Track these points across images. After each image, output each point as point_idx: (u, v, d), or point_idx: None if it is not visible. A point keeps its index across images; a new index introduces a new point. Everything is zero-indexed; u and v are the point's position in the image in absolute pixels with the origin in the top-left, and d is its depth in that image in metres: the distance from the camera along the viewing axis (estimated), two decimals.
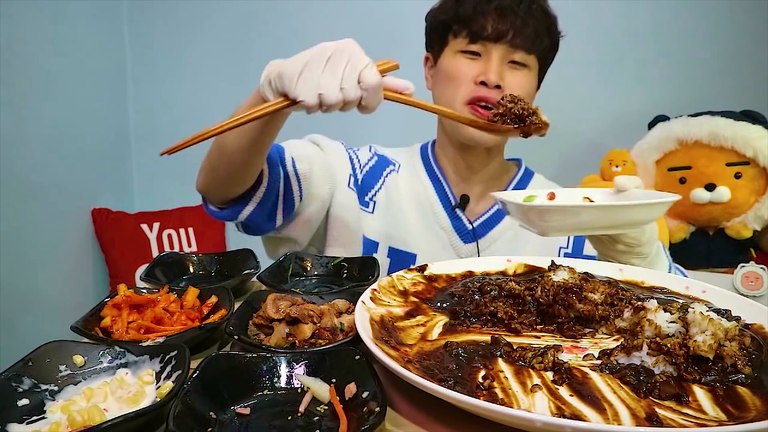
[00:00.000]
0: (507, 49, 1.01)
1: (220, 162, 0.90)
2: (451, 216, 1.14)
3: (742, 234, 1.71)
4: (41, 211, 1.99)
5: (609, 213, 0.74)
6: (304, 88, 0.68)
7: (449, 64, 1.05)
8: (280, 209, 1.03)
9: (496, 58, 1.01)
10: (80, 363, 0.57)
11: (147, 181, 2.50)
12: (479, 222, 1.14)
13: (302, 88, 0.68)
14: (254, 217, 0.99)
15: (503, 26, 1.00)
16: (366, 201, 1.15)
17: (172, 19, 2.37)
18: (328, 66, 0.68)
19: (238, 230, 1.06)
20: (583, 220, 0.73)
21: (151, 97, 2.44)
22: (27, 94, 1.92)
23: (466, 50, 1.03)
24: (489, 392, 0.50)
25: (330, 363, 0.56)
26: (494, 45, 1.01)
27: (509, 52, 1.02)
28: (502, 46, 1.01)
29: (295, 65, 0.69)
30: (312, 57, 0.68)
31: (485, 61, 1.02)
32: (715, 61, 2.02)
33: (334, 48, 0.69)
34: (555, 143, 2.08)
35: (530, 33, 1.01)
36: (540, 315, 0.69)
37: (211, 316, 0.72)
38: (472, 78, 1.02)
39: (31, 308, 1.93)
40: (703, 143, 1.71)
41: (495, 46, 1.01)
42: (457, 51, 1.04)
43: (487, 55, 1.02)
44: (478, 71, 1.02)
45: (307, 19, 2.27)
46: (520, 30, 1.00)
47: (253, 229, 1.04)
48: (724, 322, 0.56)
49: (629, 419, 0.46)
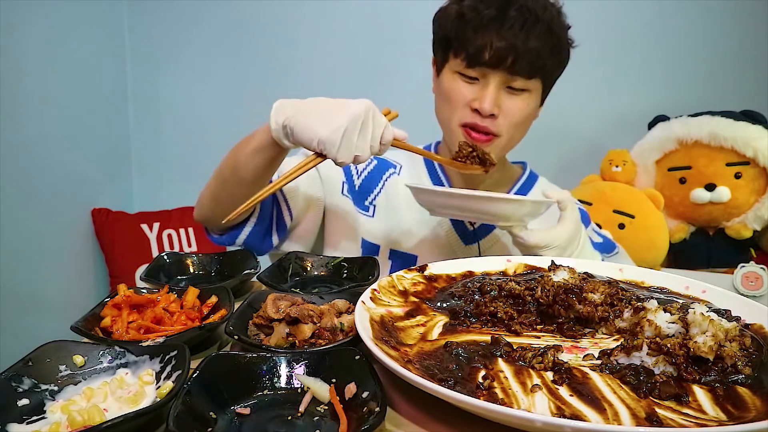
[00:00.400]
0: (505, 76, 0.97)
1: (223, 194, 0.96)
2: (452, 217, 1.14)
3: (742, 234, 1.71)
4: (41, 211, 1.99)
5: (473, 201, 0.86)
6: (344, 154, 0.80)
7: (447, 85, 1.03)
8: (274, 230, 1.07)
9: (494, 84, 0.97)
10: (80, 363, 0.57)
11: (147, 181, 2.50)
12: (480, 223, 1.14)
13: (343, 154, 0.80)
14: (251, 241, 1.04)
15: (502, 52, 0.94)
16: (366, 205, 1.15)
17: (171, 19, 2.37)
18: (362, 133, 0.80)
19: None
20: (454, 203, 0.88)
21: (152, 98, 2.44)
22: (27, 94, 1.91)
23: (464, 73, 1.00)
24: (489, 392, 0.50)
25: (330, 363, 0.56)
26: (492, 71, 0.97)
27: (508, 79, 0.98)
28: (500, 72, 0.97)
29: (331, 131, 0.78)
30: (348, 126, 0.78)
31: (482, 87, 0.98)
32: (715, 61, 2.01)
33: (363, 114, 0.80)
34: (555, 143, 2.09)
35: (531, 58, 0.95)
36: (540, 315, 0.69)
37: (211, 316, 0.72)
38: (467, 102, 0.99)
39: (31, 308, 1.93)
40: (703, 143, 1.71)
41: (493, 73, 0.97)
42: (455, 71, 1.01)
43: (485, 80, 0.98)
44: (473, 96, 0.99)
45: (305, 18, 2.27)
46: (521, 56, 0.94)
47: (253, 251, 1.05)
48: (725, 322, 0.56)
49: (629, 419, 0.46)
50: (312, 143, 0.80)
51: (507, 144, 1.04)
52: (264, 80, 2.32)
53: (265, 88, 2.30)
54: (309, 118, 0.80)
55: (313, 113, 0.80)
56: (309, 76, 2.28)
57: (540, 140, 1.48)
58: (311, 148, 0.81)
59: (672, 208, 1.80)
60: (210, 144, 2.26)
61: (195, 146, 2.40)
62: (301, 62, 2.29)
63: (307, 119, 0.80)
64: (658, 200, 1.75)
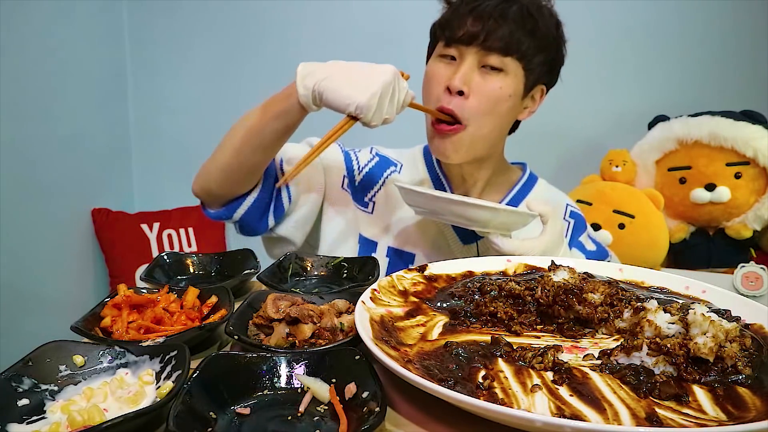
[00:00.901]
0: (480, 53, 0.98)
1: (235, 162, 0.98)
2: None
3: (742, 234, 1.71)
4: (41, 211, 1.99)
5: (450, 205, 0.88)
6: (377, 117, 0.87)
7: (428, 68, 1.05)
8: (271, 211, 1.07)
9: (468, 62, 0.98)
10: (80, 363, 0.57)
11: (147, 181, 2.50)
12: None
13: (376, 117, 0.87)
14: (247, 217, 1.05)
15: (476, 29, 0.97)
16: (365, 201, 1.15)
17: (172, 19, 2.37)
18: (391, 98, 0.88)
19: (236, 231, 1.10)
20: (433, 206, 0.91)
21: (151, 97, 2.44)
22: (27, 94, 1.91)
23: (444, 54, 1.02)
24: (489, 392, 0.50)
25: (330, 363, 0.56)
26: (467, 48, 0.98)
27: (482, 56, 0.98)
28: (474, 48, 0.98)
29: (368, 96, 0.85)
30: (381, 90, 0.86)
31: (457, 66, 1.00)
32: (715, 61, 2.01)
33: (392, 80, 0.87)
34: (555, 143, 2.09)
35: (504, 35, 0.96)
36: (540, 315, 0.69)
37: (211, 316, 0.72)
38: (442, 82, 1.00)
39: (31, 308, 1.93)
40: (703, 143, 1.71)
41: (468, 50, 0.98)
42: (437, 55, 1.04)
43: (461, 59, 1.00)
44: (448, 75, 1.00)
45: (306, 18, 2.27)
46: (492, 32, 0.96)
47: (247, 230, 1.08)
48: (725, 323, 0.56)
49: (629, 419, 0.46)
50: (348, 108, 0.85)
51: (475, 135, 1.00)
52: (264, 80, 2.31)
53: (265, 88, 2.30)
54: (342, 84, 0.85)
55: (345, 78, 0.86)
56: None
57: (539, 140, 1.48)
58: (346, 112, 0.87)
59: (672, 208, 1.80)
60: (210, 144, 2.25)
61: (195, 146, 2.38)
62: (302, 58, 2.27)
63: (341, 85, 0.85)
64: (658, 200, 1.75)
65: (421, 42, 1.15)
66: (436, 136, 1.02)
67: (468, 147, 1.01)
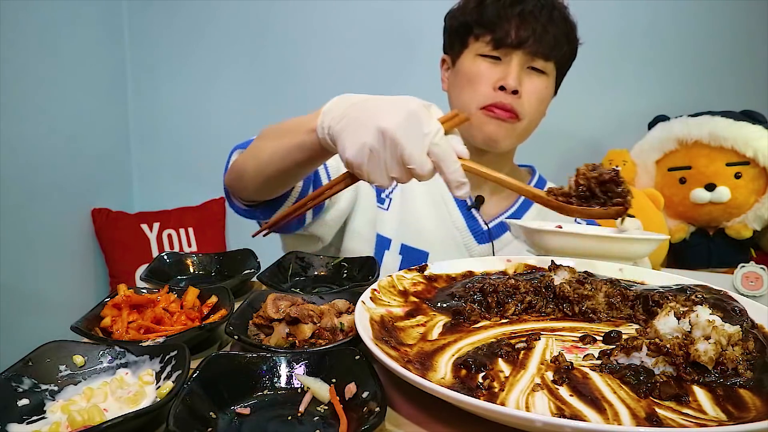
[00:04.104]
0: (527, 56, 1.02)
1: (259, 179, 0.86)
2: (466, 216, 1.14)
3: (742, 234, 1.72)
4: (41, 211, 1.99)
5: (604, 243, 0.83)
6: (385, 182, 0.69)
7: (470, 67, 1.05)
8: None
9: (516, 64, 1.01)
10: (80, 363, 0.57)
11: (147, 181, 2.50)
12: (494, 223, 1.14)
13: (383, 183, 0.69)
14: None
15: (525, 33, 1.00)
16: (382, 198, 1.15)
17: (172, 19, 2.37)
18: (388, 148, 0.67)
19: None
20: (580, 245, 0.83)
21: (151, 98, 2.44)
22: (27, 94, 1.91)
23: (488, 54, 1.03)
24: (489, 392, 0.50)
25: (330, 363, 0.56)
26: (515, 51, 1.01)
27: (529, 59, 1.02)
28: (522, 52, 1.01)
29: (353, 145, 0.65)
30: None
31: (505, 66, 1.02)
32: (715, 61, 2.01)
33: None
34: (555, 143, 2.09)
35: (550, 40, 1.01)
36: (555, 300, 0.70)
37: (211, 316, 0.72)
38: (492, 82, 1.02)
39: (31, 308, 1.93)
40: (703, 143, 1.71)
41: (516, 52, 1.01)
42: (477, 54, 1.04)
43: (507, 59, 1.02)
44: (498, 76, 1.02)
45: (310, 20, 2.27)
46: (541, 37, 1.00)
47: (281, 229, 1.02)
48: (728, 327, 0.55)
49: (629, 419, 0.46)
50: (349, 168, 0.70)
51: (526, 128, 1.07)
52: (264, 80, 2.32)
53: (265, 89, 2.30)
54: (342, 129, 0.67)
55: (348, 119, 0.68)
56: (311, 77, 2.28)
57: (540, 140, 1.48)
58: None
59: (672, 208, 1.80)
60: (210, 144, 2.27)
61: (195, 146, 2.40)
62: (302, 61, 2.28)
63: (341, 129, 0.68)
64: (658, 200, 1.75)
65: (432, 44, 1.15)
66: (491, 122, 1.03)
67: (518, 136, 1.07)
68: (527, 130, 1.08)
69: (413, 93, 0.70)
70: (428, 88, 1.19)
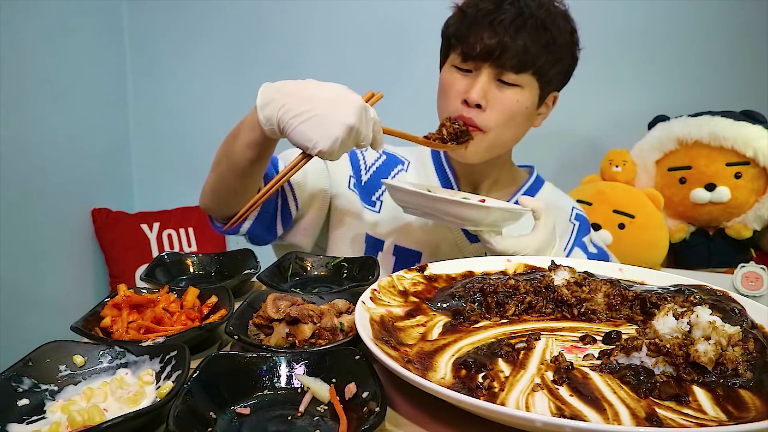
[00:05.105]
0: (496, 69, 0.99)
1: (222, 186, 0.96)
2: None
3: (742, 234, 1.71)
4: (41, 211, 1.99)
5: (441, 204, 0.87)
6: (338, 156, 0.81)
7: (443, 78, 1.06)
8: (278, 220, 1.07)
9: (484, 76, 0.99)
10: (80, 363, 0.57)
11: (147, 181, 2.50)
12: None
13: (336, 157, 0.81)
14: (255, 230, 1.04)
15: (491, 46, 0.96)
16: (372, 200, 1.15)
17: (172, 20, 2.37)
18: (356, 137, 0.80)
19: (246, 241, 1.09)
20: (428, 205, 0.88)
21: (151, 98, 2.44)
22: (27, 94, 1.91)
23: (459, 66, 1.02)
24: (489, 392, 0.50)
25: (330, 363, 0.56)
26: (483, 63, 0.99)
27: (498, 73, 0.99)
28: (490, 65, 0.98)
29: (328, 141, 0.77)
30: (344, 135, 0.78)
31: (472, 79, 1.00)
32: (716, 61, 2.01)
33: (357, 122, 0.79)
34: (555, 143, 2.09)
35: (518, 53, 0.96)
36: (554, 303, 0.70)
37: (211, 316, 0.72)
38: (459, 95, 1.01)
39: (31, 308, 1.93)
40: (703, 143, 1.70)
41: (484, 65, 0.99)
42: (452, 65, 1.04)
43: (477, 72, 1.00)
44: (465, 88, 1.01)
45: (310, 20, 2.27)
46: (507, 50, 0.96)
47: (257, 241, 1.08)
48: (728, 327, 0.55)
49: (629, 419, 0.46)
50: (311, 151, 0.79)
51: (494, 141, 1.02)
52: (264, 80, 2.32)
53: None
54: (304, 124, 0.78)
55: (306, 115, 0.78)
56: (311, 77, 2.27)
57: (540, 140, 1.48)
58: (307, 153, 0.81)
59: (672, 208, 1.80)
60: (210, 144, 2.25)
61: (195, 146, 2.39)
62: (302, 62, 2.28)
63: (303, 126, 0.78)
64: (658, 200, 1.75)
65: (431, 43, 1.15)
66: None
67: (487, 149, 1.04)
68: (497, 143, 1.03)
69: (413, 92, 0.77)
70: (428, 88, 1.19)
